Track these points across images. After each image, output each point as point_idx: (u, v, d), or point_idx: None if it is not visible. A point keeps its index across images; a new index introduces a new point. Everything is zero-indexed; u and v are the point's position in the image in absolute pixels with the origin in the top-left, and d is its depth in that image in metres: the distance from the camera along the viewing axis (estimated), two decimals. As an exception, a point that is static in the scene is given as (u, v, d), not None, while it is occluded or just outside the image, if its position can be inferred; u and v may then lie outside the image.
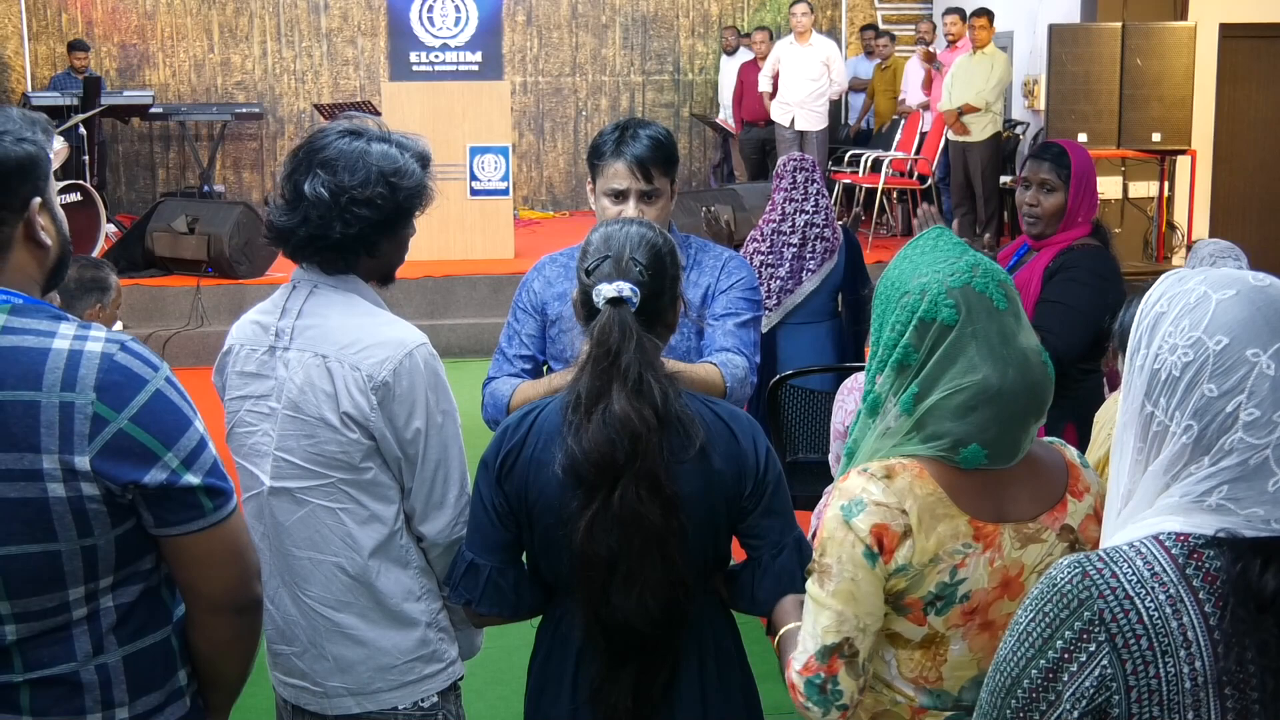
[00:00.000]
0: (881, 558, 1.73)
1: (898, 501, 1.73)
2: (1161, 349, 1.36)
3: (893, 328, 1.80)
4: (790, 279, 5.18)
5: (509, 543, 2.10)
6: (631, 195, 2.72)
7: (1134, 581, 1.31)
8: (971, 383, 1.73)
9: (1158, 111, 9.09)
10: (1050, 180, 3.50)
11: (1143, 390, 1.38)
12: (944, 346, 1.76)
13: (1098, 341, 3.39)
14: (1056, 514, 1.82)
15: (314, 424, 2.18)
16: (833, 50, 11.08)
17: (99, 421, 1.60)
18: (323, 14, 13.20)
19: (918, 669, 1.82)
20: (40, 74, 12.72)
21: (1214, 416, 1.32)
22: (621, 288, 2.01)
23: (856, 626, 1.75)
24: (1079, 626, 1.32)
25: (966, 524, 1.75)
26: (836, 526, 1.75)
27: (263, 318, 2.28)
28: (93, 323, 1.70)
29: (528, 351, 2.83)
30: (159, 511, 1.67)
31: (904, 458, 1.77)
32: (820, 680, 1.76)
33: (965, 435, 1.74)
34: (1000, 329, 1.76)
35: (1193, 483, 1.33)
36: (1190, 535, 1.32)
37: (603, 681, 2.03)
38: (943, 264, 1.80)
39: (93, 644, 1.69)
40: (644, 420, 1.95)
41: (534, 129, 13.60)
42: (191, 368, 8.51)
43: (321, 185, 2.15)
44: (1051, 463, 1.87)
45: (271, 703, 2.43)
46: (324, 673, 2.26)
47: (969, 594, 1.76)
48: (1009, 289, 1.81)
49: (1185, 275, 1.40)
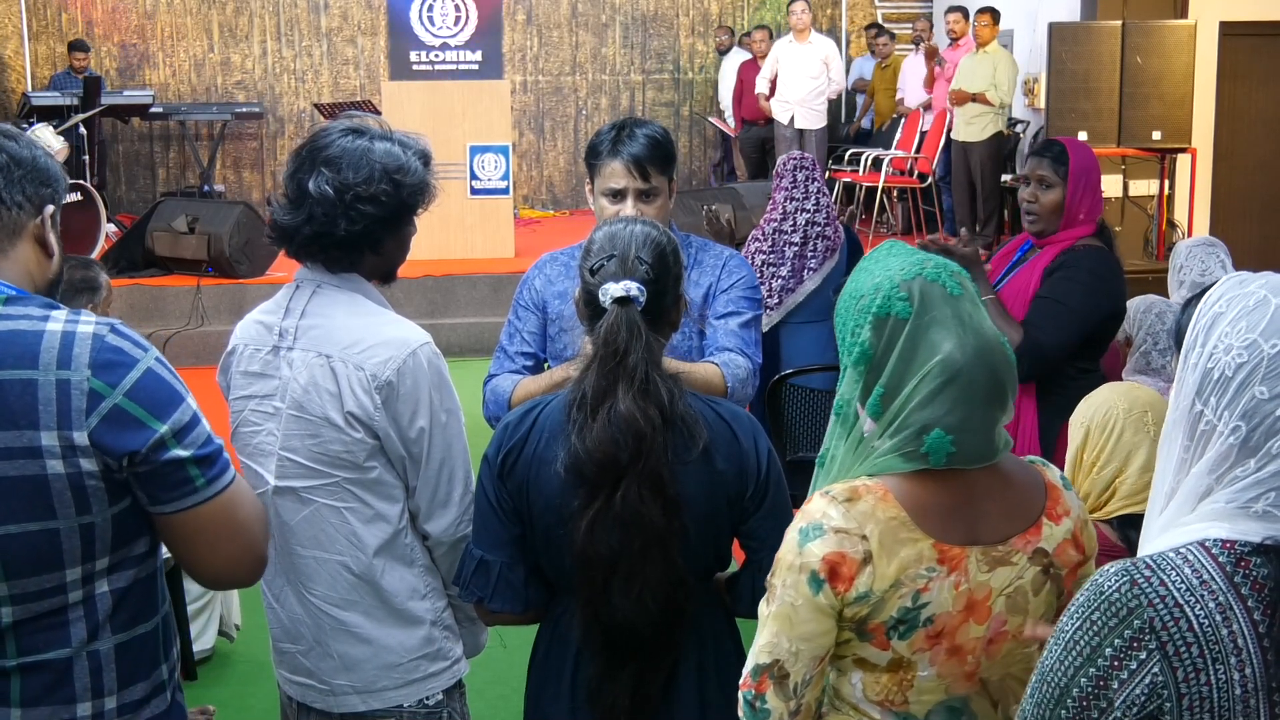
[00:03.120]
0: (834, 585, 1.69)
1: (858, 526, 1.69)
2: (1217, 349, 1.37)
3: (852, 332, 1.78)
4: (792, 278, 5.18)
5: (516, 538, 2.09)
6: (629, 194, 2.72)
7: (1183, 590, 1.32)
8: (934, 363, 1.69)
9: (1158, 110, 9.08)
10: (1048, 177, 3.49)
11: (1194, 389, 1.38)
12: (901, 340, 1.72)
13: (1092, 341, 3.38)
14: (1029, 537, 1.76)
15: (318, 423, 2.18)
16: (832, 49, 11.09)
17: (95, 396, 1.63)
18: (323, 13, 13.20)
19: (884, 692, 1.77)
20: (40, 74, 12.72)
21: (1263, 419, 1.32)
22: (629, 287, 2.01)
23: (789, 650, 1.72)
24: (1129, 635, 1.32)
25: (930, 548, 1.70)
26: (789, 550, 1.73)
27: (266, 317, 2.28)
28: (83, 310, 1.72)
29: (529, 349, 2.83)
30: (151, 489, 1.69)
31: (869, 478, 1.73)
32: (751, 697, 1.75)
33: (929, 420, 1.69)
34: (956, 312, 1.72)
35: (1239, 489, 1.33)
36: (1237, 543, 1.33)
37: (601, 681, 2.03)
38: (893, 262, 1.79)
39: (88, 630, 1.70)
40: (649, 420, 1.95)
41: (534, 128, 13.60)
42: (192, 367, 8.51)
43: (326, 183, 2.15)
44: (1028, 482, 1.80)
45: (273, 702, 2.43)
46: (329, 671, 2.26)
47: (932, 618, 1.71)
48: (963, 280, 1.77)
49: (1247, 279, 1.41)
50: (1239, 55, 10.04)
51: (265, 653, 2.41)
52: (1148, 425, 2.43)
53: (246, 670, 4.26)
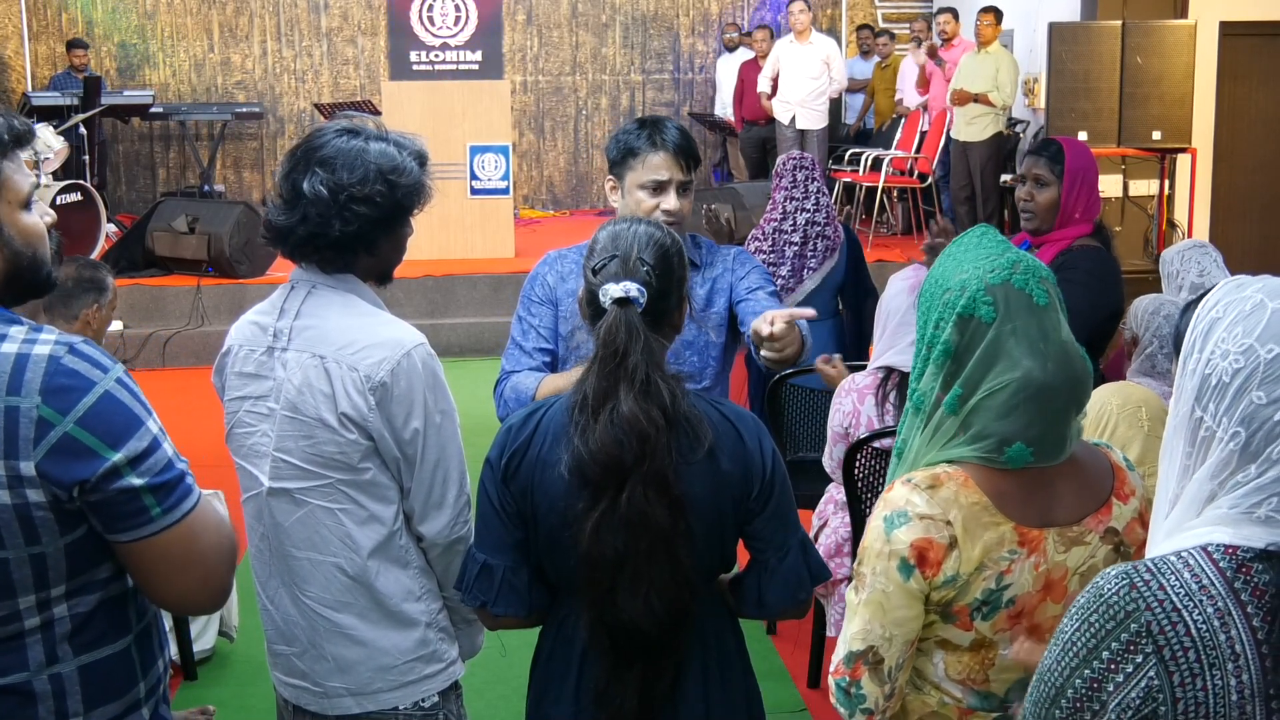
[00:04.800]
0: (923, 570, 1.75)
1: (942, 512, 1.75)
2: (1214, 354, 1.35)
3: (935, 325, 1.82)
4: (792, 278, 5.19)
5: (520, 542, 2.08)
6: (673, 186, 2.78)
7: (1181, 594, 1.31)
8: (1013, 379, 1.74)
9: (1158, 110, 9.07)
10: (1043, 175, 3.50)
11: (1193, 395, 1.37)
12: (983, 345, 1.77)
13: (1093, 342, 3.39)
14: (1101, 516, 1.82)
15: (312, 425, 2.17)
16: (833, 48, 11.08)
17: (44, 425, 1.56)
18: (323, 13, 13.19)
19: (965, 671, 1.84)
20: (40, 74, 12.72)
21: (1261, 424, 1.31)
22: (628, 288, 2.00)
23: (882, 636, 1.78)
24: (1126, 638, 1.32)
25: (1011, 531, 1.76)
26: (876, 538, 1.78)
27: (261, 318, 2.28)
28: (45, 325, 1.66)
29: (546, 344, 2.81)
30: (104, 518, 1.62)
31: (949, 465, 1.79)
32: (845, 684, 1.81)
33: (1010, 434, 1.75)
34: (1040, 325, 1.77)
35: (1242, 494, 1.32)
36: (1239, 548, 1.32)
37: (607, 683, 2.02)
38: (984, 260, 1.82)
39: (46, 653, 1.64)
40: (652, 421, 1.94)
41: (534, 128, 13.59)
42: (191, 367, 8.53)
43: (320, 183, 2.14)
44: (1096, 465, 1.87)
45: (272, 702, 2.43)
46: (324, 673, 2.25)
47: (1014, 599, 1.78)
48: (1050, 285, 1.82)
49: (1245, 283, 1.40)
50: (1239, 55, 10.03)
51: (265, 653, 2.40)
52: (1141, 421, 2.44)
53: (246, 670, 4.26)
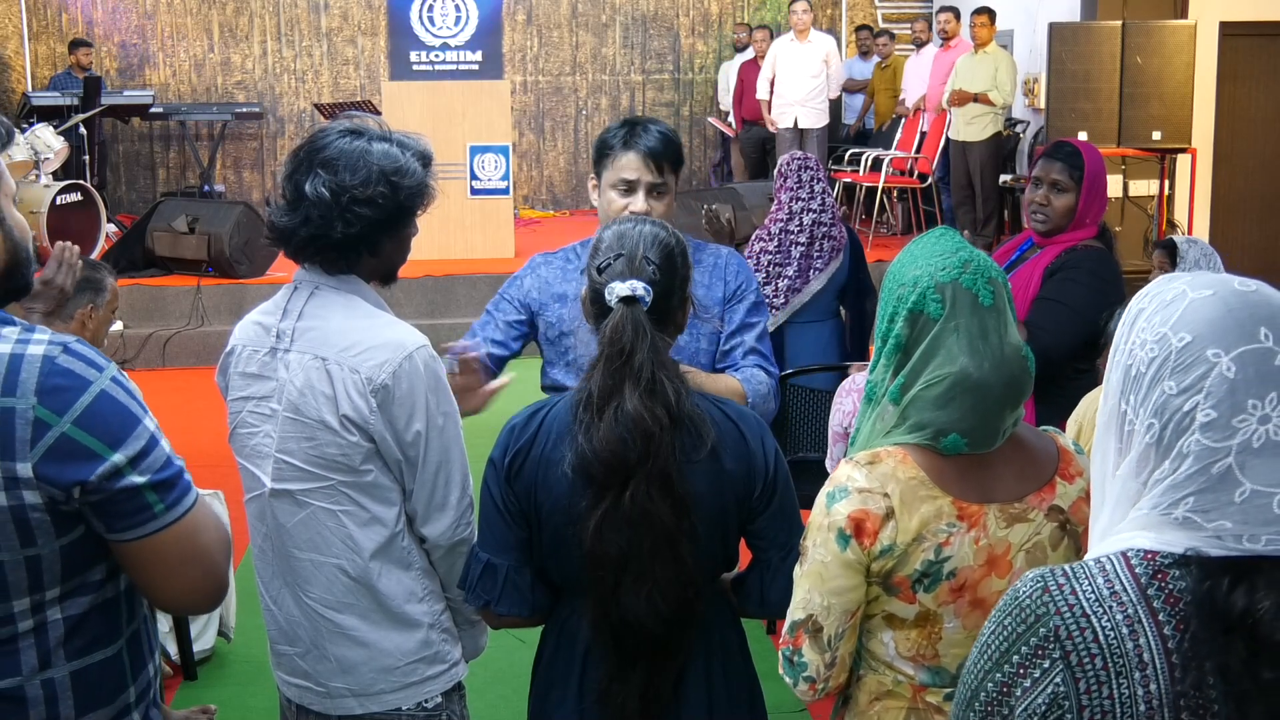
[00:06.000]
0: (860, 540, 1.81)
1: (880, 485, 1.81)
2: (1134, 345, 1.32)
3: (889, 319, 1.90)
4: (798, 278, 5.19)
5: (523, 541, 2.08)
6: (641, 187, 2.71)
7: (1092, 600, 1.27)
8: (949, 373, 1.82)
9: (1158, 110, 9.08)
10: (1062, 181, 3.47)
11: (1118, 387, 1.34)
12: (927, 339, 1.84)
13: (1092, 342, 3.39)
14: (1044, 495, 1.87)
15: (314, 426, 2.17)
16: (832, 46, 11.07)
17: (40, 426, 1.54)
18: (323, 13, 13.19)
19: (914, 647, 1.89)
20: (40, 74, 12.72)
21: (1172, 415, 1.27)
22: (635, 286, 2.01)
23: (821, 605, 1.85)
24: (1034, 642, 1.28)
25: (950, 504, 1.82)
26: (818, 512, 1.86)
27: (264, 318, 2.28)
28: (38, 325, 1.64)
29: (499, 337, 2.80)
30: (106, 518, 1.60)
31: (891, 445, 1.86)
32: (789, 652, 1.89)
33: (945, 425, 1.82)
34: (982, 324, 1.84)
35: (1160, 493, 1.28)
36: (1159, 553, 1.28)
37: (611, 682, 2.02)
38: (936, 259, 1.88)
39: (39, 658, 1.62)
40: (656, 420, 1.94)
41: (534, 128, 13.59)
42: (191, 367, 8.53)
43: (323, 185, 2.14)
44: (1040, 447, 1.92)
45: (275, 702, 2.43)
46: (327, 674, 2.26)
47: (954, 571, 1.83)
48: (998, 287, 1.87)
49: (1176, 276, 1.36)
50: (1239, 55, 10.04)
51: (265, 653, 2.41)
52: None
53: (246, 670, 4.26)
